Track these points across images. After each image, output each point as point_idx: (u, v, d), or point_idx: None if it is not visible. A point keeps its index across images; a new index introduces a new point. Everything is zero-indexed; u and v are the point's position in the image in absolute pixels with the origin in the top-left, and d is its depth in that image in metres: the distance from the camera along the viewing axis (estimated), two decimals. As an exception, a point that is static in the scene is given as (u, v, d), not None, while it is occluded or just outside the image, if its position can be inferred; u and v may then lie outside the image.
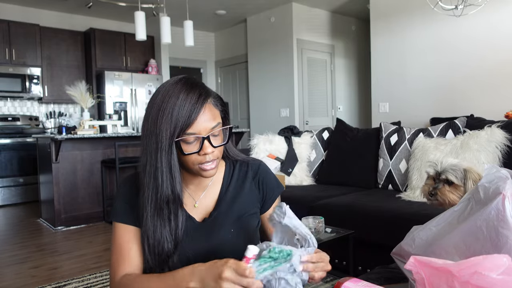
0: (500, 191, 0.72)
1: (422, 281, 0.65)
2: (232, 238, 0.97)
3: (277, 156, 3.31)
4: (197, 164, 0.90)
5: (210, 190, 1.02)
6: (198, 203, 1.01)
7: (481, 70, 3.78)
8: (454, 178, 1.18)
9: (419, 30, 4.23)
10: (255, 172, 1.06)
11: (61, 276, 2.66)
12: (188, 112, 0.86)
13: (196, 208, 1.00)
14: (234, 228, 0.97)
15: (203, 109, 0.88)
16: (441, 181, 1.21)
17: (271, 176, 1.08)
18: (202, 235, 0.97)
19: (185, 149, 0.88)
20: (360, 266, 2.39)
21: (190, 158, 0.90)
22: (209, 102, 0.91)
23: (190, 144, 0.89)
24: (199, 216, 1.00)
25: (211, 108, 0.91)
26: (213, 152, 0.90)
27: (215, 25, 6.94)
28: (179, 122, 0.86)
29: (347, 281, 0.71)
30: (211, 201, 1.01)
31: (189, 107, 0.86)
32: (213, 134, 0.90)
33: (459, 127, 2.61)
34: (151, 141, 0.88)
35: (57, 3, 5.58)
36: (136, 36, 4.31)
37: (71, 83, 4.89)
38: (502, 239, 0.69)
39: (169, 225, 0.91)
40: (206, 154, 0.89)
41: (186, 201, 0.99)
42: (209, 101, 0.91)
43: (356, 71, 6.79)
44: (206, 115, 0.89)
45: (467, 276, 0.59)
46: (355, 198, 2.60)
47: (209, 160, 0.90)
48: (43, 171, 4.25)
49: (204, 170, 0.91)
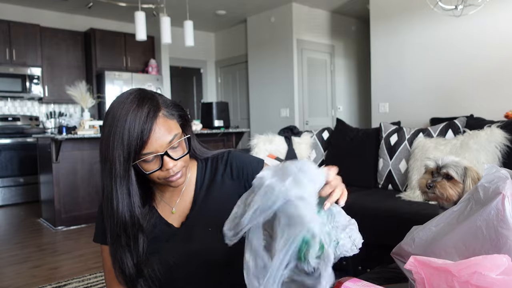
0: (500, 191, 0.72)
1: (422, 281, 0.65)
2: (212, 236, 0.94)
3: (277, 156, 3.31)
4: (163, 179, 0.89)
5: (185, 193, 1.01)
6: (176, 208, 0.99)
7: (481, 70, 3.78)
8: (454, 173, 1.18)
9: (419, 30, 4.23)
10: (225, 163, 1.02)
11: (61, 276, 2.66)
12: (139, 134, 0.82)
13: (174, 214, 0.99)
14: (212, 226, 0.94)
15: (154, 125, 0.84)
16: (440, 175, 1.21)
17: (243, 158, 1.03)
18: (181, 239, 0.95)
19: (146, 168, 0.86)
20: (360, 266, 2.39)
21: (154, 175, 0.88)
22: (161, 115, 0.86)
23: (150, 163, 0.86)
24: (178, 221, 0.98)
25: (164, 121, 0.86)
26: (175, 165, 0.87)
27: (215, 25, 6.94)
28: (132, 146, 0.82)
29: (347, 281, 0.71)
30: (187, 204, 1.00)
31: (139, 127, 0.82)
32: (172, 147, 0.87)
33: (459, 127, 2.61)
34: (106, 167, 0.85)
35: (57, 3, 5.58)
36: (136, 36, 4.32)
37: (71, 83, 4.89)
38: (501, 239, 0.70)
39: (129, 251, 0.89)
40: (168, 169, 0.86)
41: (163, 209, 0.99)
42: (161, 114, 0.86)
43: (356, 71, 6.79)
44: (160, 131, 0.85)
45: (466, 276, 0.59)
46: (355, 198, 2.61)
47: (173, 173, 0.88)
48: (43, 171, 4.25)
49: (171, 182, 0.90)
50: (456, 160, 1.22)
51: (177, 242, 0.95)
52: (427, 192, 1.23)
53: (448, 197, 1.19)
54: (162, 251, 0.93)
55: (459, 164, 1.20)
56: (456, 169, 1.19)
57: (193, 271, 0.94)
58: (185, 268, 0.93)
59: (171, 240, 0.95)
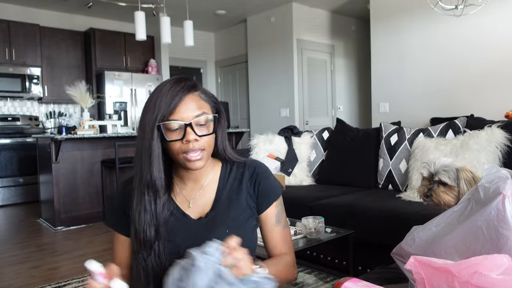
0: (500, 191, 0.72)
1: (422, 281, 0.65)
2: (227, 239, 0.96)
3: (277, 156, 3.31)
4: (182, 153, 0.91)
5: (206, 190, 1.02)
6: (193, 203, 1.00)
7: (481, 70, 3.78)
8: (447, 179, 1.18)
9: (419, 30, 4.22)
10: (251, 173, 1.04)
11: (61, 276, 2.66)
12: (170, 100, 0.89)
13: (191, 208, 1.00)
14: (230, 229, 0.96)
15: (186, 97, 0.91)
16: (435, 182, 1.21)
17: (268, 176, 1.06)
18: (196, 233, 0.96)
19: (169, 136, 0.90)
20: (360, 266, 2.39)
21: (174, 147, 0.90)
22: (195, 94, 0.93)
23: (173, 132, 0.90)
24: (195, 215, 1.00)
25: (197, 99, 0.93)
26: (197, 141, 0.90)
27: (215, 25, 6.94)
28: (161, 109, 0.88)
29: (347, 281, 0.71)
30: (207, 201, 1.01)
31: (172, 95, 0.89)
32: (197, 123, 0.90)
33: (459, 127, 2.61)
34: (139, 132, 0.93)
35: (57, 3, 5.58)
36: (136, 36, 4.31)
37: (71, 83, 4.89)
38: (502, 239, 0.69)
39: (150, 211, 0.93)
40: (189, 141, 0.89)
41: (181, 201, 1.00)
42: (196, 93, 0.93)
43: (356, 71, 6.79)
44: (190, 104, 0.91)
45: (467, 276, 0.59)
46: (355, 198, 2.60)
47: (193, 148, 0.90)
48: (43, 171, 4.25)
49: (189, 161, 0.91)
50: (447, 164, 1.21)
51: (193, 235, 0.96)
52: (427, 201, 1.24)
53: (445, 203, 1.18)
54: (178, 240, 0.94)
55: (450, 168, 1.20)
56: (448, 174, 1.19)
57: None
58: None
59: (187, 231, 0.96)
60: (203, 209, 1.00)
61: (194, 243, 0.93)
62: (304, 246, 1.95)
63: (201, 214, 0.99)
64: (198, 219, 0.99)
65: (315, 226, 1.98)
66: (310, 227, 1.98)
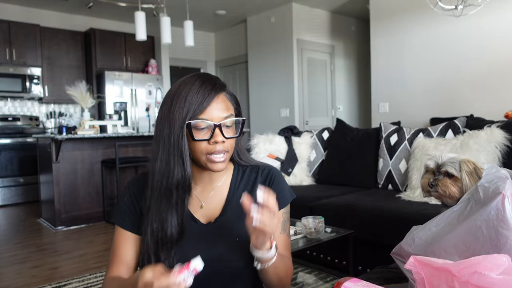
0: (500, 191, 0.72)
1: (422, 281, 0.65)
2: (236, 247, 0.92)
3: (277, 156, 3.31)
4: (206, 154, 0.89)
5: (218, 193, 0.99)
6: (205, 204, 0.98)
7: (481, 70, 3.78)
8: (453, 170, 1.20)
9: (419, 30, 4.23)
10: (265, 178, 1.02)
11: (61, 276, 2.66)
12: (202, 98, 0.87)
13: (202, 209, 0.98)
14: (240, 236, 0.93)
15: (217, 97, 0.89)
16: (441, 174, 1.22)
17: (281, 181, 1.03)
18: (205, 239, 0.94)
19: (196, 136, 0.88)
20: (360, 266, 2.39)
21: (199, 147, 0.88)
22: (224, 94, 0.92)
23: (201, 131, 0.88)
24: (204, 218, 0.97)
25: (225, 99, 0.92)
26: (223, 142, 0.89)
27: (215, 25, 6.94)
28: (192, 106, 0.86)
29: (347, 281, 0.71)
30: (217, 204, 0.98)
31: (203, 93, 0.87)
32: (225, 125, 0.89)
33: (458, 127, 2.61)
34: (165, 126, 0.89)
35: (57, 3, 5.58)
36: (136, 36, 4.32)
37: (71, 83, 4.89)
38: (501, 239, 0.70)
39: (176, 211, 0.90)
40: (216, 142, 0.88)
41: (193, 202, 0.98)
42: (224, 93, 0.92)
43: (356, 71, 6.79)
44: (220, 104, 0.89)
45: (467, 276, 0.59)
46: (355, 198, 2.61)
47: (219, 150, 0.88)
48: (43, 171, 4.25)
49: (212, 162, 0.89)
50: (453, 157, 1.23)
51: (201, 241, 0.93)
52: (430, 191, 1.24)
53: (450, 194, 1.19)
54: (185, 245, 0.92)
55: (455, 160, 1.22)
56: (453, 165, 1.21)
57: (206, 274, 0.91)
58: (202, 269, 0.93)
59: (195, 236, 0.94)
60: (213, 213, 0.97)
61: (201, 248, 0.92)
62: (304, 246, 1.95)
63: (211, 218, 0.97)
64: (207, 223, 0.96)
65: (315, 226, 1.99)
66: (310, 227, 1.98)
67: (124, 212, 0.98)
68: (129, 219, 0.97)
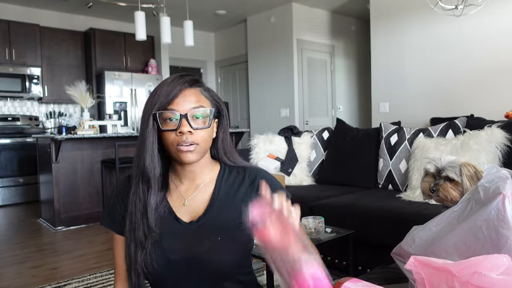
0: (500, 191, 0.72)
1: (422, 281, 0.65)
2: (219, 247, 0.91)
3: (277, 156, 3.31)
4: (175, 145, 0.89)
5: (202, 191, 0.98)
6: (188, 202, 0.97)
7: (481, 70, 3.78)
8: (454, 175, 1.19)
9: (419, 30, 4.22)
10: (253, 179, 0.99)
11: (61, 276, 2.66)
12: (170, 90, 0.90)
13: (185, 207, 0.97)
14: (222, 236, 0.92)
15: (186, 90, 0.91)
16: (442, 178, 1.22)
17: (271, 181, 0.99)
18: (186, 238, 0.92)
19: (163, 126, 0.89)
20: (360, 266, 2.39)
21: (169, 138, 0.90)
22: (197, 89, 0.94)
23: (169, 123, 0.89)
24: (187, 217, 0.96)
25: (197, 93, 0.94)
26: (191, 133, 0.89)
27: (215, 25, 6.94)
28: (160, 98, 0.89)
29: (347, 281, 0.71)
30: (201, 203, 0.97)
31: (173, 86, 0.90)
32: (193, 115, 0.90)
33: (459, 127, 2.61)
34: (140, 123, 0.94)
35: (57, 3, 5.58)
36: (136, 36, 4.32)
37: (71, 83, 4.89)
38: (502, 239, 0.69)
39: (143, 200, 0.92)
40: (182, 133, 0.88)
41: (176, 199, 0.97)
42: (198, 88, 0.94)
43: (356, 71, 6.79)
44: (189, 97, 0.91)
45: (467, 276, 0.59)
46: (355, 198, 2.60)
47: (185, 140, 0.88)
48: (43, 171, 4.25)
49: (181, 152, 0.89)
50: (452, 160, 1.22)
51: (183, 240, 0.92)
52: (431, 196, 1.24)
53: (452, 199, 1.19)
54: (166, 244, 0.92)
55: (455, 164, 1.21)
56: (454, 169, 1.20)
57: (190, 274, 0.92)
58: (183, 269, 0.92)
59: (177, 236, 0.93)
60: (196, 212, 0.96)
61: (181, 248, 0.91)
62: (304, 246, 1.95)
63: (193, 217, 0.96)
64: (189, 222, 0.95)
65: (315, 226, 1.98)
66: (310, 227, 1.98)
67: (114, 215, 0.99)
68: (120, 222, 0.97)
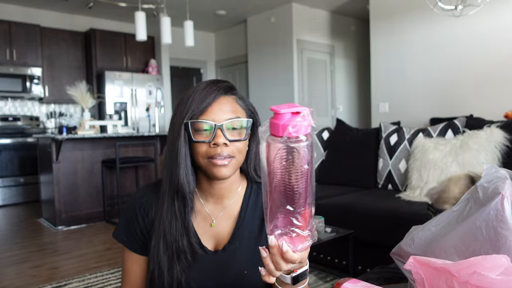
0: (499, 191, 0.72)
1: (422, 281, 0.65)
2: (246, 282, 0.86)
3: (277, 156, 3.31)
4: (207, 158, 0.81)
5: (228, 212, 0.91)
6: (216, 223, 0.90)
7: (480, 70, 3.78)
8: None
9: (419, 30, 4.23)
10: None
11: (61, 275, 2.66)
12: (203, 98, 0.81)
13: (211, 231, 0.90)
14: (248, 268, 0.86)
15: (221, 99, 0.83)
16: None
17: None
18: (211, 269, 0.87)
19: (196, 137, 0.81)
20: (360, 266, 2.39)
21: (200, 149, 0.81)
22: (232, 97, 0.86)
23: (202, 133, 0.81)
24: (211, 243, 0.90)
25: (232, 102, 0.85)
26: (226, 145, 0.80)
27: (215, 25, 6.94)
28: (192, 107, 0.81)
29: (347, 281, 0.71)
30: (226, 226, 0.90)
31: (206, 94, 0.82)
32: (229, 127, 0.81)
33: (458, 127, 2.62)
34: (169, 132, 0.85)
35: (57, 3, 5.58)
36: (137, 36, 4.32)
37: (71, 83, 4.90)
38: (501, 239, 0.70)
39: (180, 219, 0.85)
40: (217, 145, 0.80)
41: (202, 220, 0.90)
42: (232, 96, 0.86)
43: (356, 71, 6.79)
44: (224, 106, 0.82)
45: (466, 276, 0.59)
46: (355, 198, 2.61)
47: (220, 153, 0.80)
48: (43, 171, 4.25)
49: (214, 165, 0.81)
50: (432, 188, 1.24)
51: (209, 269, 0.87)
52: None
53: None
54: (191, 272, 0.86)
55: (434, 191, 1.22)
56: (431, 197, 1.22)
57: None
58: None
59: (200, 263, 0.87)
60: (222, 236, 0.90)
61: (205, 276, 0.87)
62: (304, 246, 1.95)
63: (218, 243, 0.90)
64: (215, 251, 0.89)
65: (315, 226, 1.99)
66: (310, 227, 1.98)
67: (131, 231, 0.92)
68: (138, 239, 0.92)
